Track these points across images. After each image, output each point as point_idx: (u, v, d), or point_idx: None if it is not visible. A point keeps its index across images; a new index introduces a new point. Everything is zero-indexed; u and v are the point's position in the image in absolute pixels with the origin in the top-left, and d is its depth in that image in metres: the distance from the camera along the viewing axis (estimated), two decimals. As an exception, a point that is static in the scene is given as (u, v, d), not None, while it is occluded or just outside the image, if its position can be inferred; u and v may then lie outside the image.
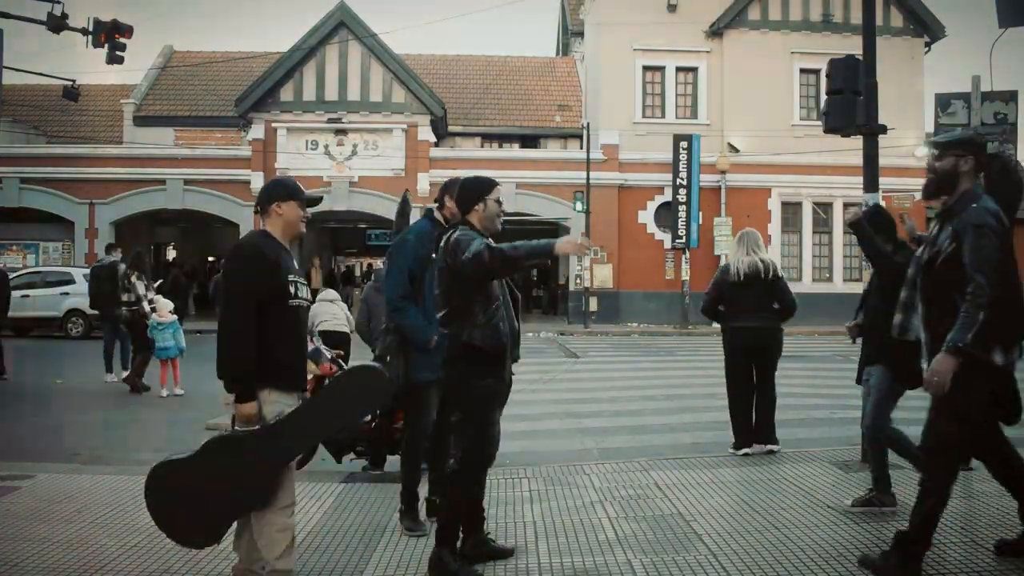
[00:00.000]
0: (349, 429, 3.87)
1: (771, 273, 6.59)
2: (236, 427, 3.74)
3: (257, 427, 3.67)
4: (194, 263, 29.38)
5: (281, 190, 3.91)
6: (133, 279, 11.20)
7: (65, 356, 15.20)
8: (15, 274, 20.55)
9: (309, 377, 6.77)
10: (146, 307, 11.06)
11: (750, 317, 6.58)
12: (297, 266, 3.94)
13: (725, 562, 4.29)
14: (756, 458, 6.63)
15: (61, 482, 5.97)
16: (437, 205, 5.06)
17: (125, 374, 11.67)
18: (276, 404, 3.71)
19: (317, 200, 4.14)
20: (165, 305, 10.94)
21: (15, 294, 19.12)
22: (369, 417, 6.69)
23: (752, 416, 6.75)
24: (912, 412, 9.46)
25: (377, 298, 6.82)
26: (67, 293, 19.08)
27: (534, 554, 4.49)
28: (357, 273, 36.96)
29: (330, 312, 9.45)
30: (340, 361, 7.44)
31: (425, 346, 4.74)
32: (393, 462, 6.61)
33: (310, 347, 7.09)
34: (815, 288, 23.18)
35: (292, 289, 3.78)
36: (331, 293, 10.08)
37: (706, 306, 6.94)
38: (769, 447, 6.73)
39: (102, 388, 11.41)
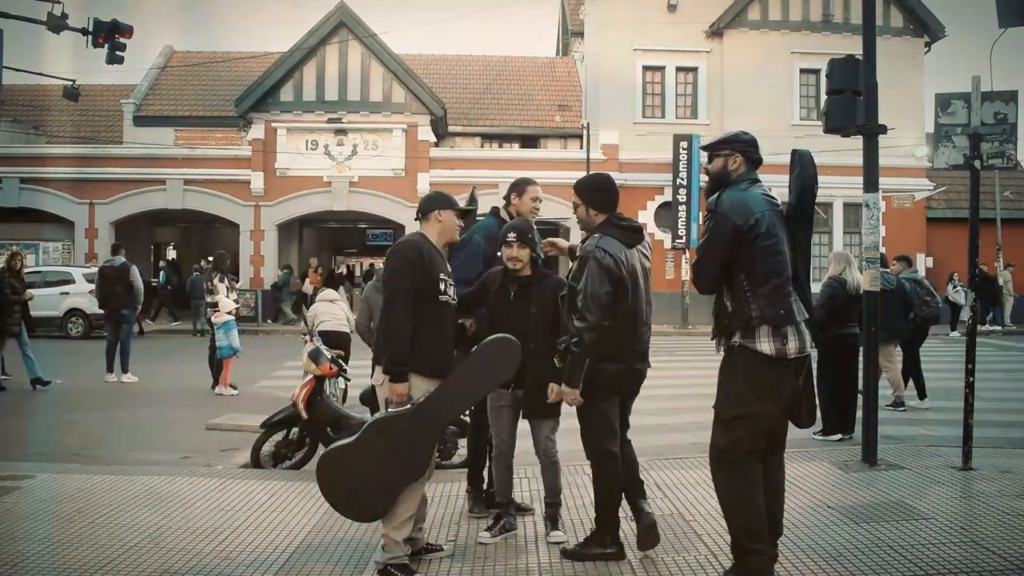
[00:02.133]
0: (483, 396, 4.50)
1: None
2: (388, 409, 4.15)
3: (408, 407, 4.10)
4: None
5: (443, 200, 4.45)
6: (215, 281, 11.28)
7: (65, 356, 15.19)
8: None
9: (308, 377, 6.84)
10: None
11: (854, 326, 7.63)
12: (448, 268, 4.43)
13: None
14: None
15: (61, 482, 5.97)
16: (504, 204, 5.35)
17: (112, 376, 11.75)
18: (419, 388, 4.15)
19: (469, 210, 4.75)
20: (225, 305, 11.03)
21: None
22: (369, 417, 6.72)
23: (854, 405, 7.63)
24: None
25: (378, 298, 6.83)
26: (67, 293, 19.05)
27: (534, 554, 4.49)
28: (357, 273, 36.86)
29: (330, 312, 9.46)
30: (340, 361, 7.46)
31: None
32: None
33: (310, 347, 7.12)
34: (815, 288, 23.07)
35: (442, 286, 4.25)
36: (331, 293, 10.08)
37: (824, 316, 7.59)
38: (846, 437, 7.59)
39: (102, 388, 11.41)
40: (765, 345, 3.76)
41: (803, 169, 3.97)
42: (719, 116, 24.35)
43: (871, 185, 6.57)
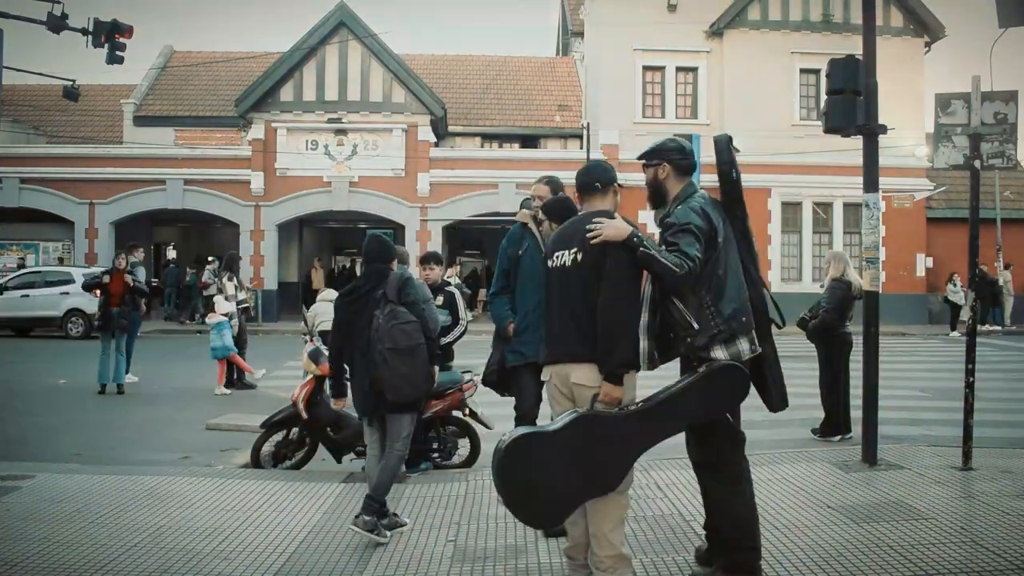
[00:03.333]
0: (701, 421, 3.89)
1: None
2: (596, 408, 3.65)
3: (621, 410, 3.65)
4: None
5: (615, 173, 4.13)
6: (224, 280, 11.34)
7: (65, 356, 15.20)
8: (15, 274, 20.61)
9: (308, 377, 6.84)
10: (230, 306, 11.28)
11: (848, 325, 7.81)
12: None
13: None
14: (756, 458, 6.63)
15: (61, 482, 5.97)
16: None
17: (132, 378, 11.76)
18: (631, 388, 3.79)
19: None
20: (222, 307, 11.12)
21: (15, 294, 19.23)
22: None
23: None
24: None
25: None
26: (67, 293, 19.06)
27: (534, 554, 4.49)
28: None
29: (330, 312, 9.45)
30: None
31: (502, 332, 5.28)
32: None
33: (310, 347, 7.13)
34: (814, 288, 23.14)
35: None
36: (331, 293, 10.07)
37: (838, 319, 7.78)
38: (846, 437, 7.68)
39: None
40: (720, 352, 3.80)
41: (718, 156, 4.00)
42: (719, 116, 24.36)
43: (871, 185, 6.57)
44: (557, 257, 3.90)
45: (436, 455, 6.69)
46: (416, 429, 6.44)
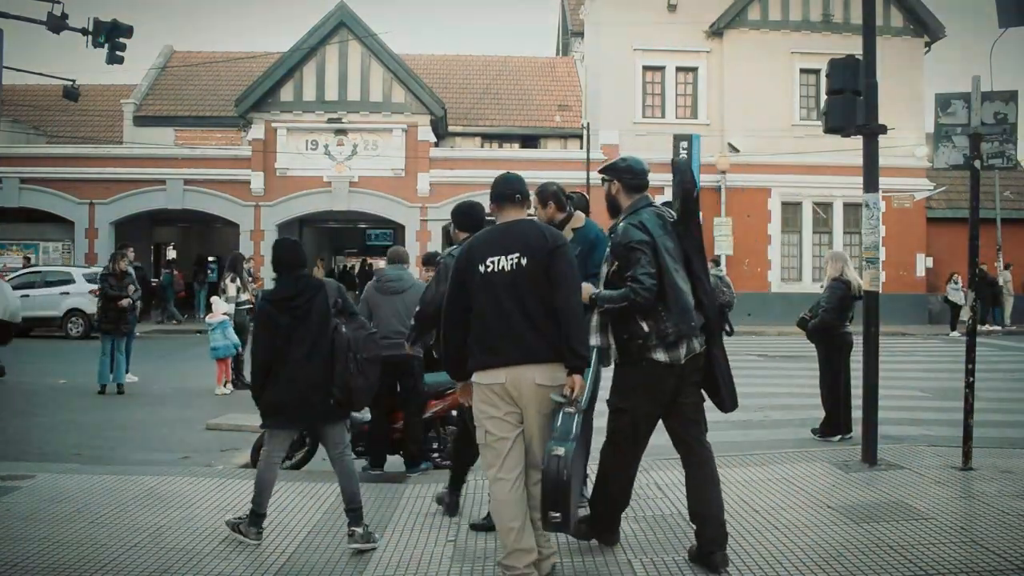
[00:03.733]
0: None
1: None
2: (577, 406, 3.78)
3: (581, 404, 3.84)
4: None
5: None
6: (227, 281, 11.43)
7: (65, 356, 15.21)
8: (15, 274, 20.61)
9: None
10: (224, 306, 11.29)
11: (848, 325, 7.78)
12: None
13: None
14: (756, 457, 6.64)
15: (61, 482, 5.97)
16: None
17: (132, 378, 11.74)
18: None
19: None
20: (220, 307, 11.16)
21: (15, 294, 19.22)
22: (368, 417, 6.72)
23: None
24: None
25: (377, 298, 6.83)
26: (67, 293, 19.07)
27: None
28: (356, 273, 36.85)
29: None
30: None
31: None
32: (392, 462, 6.63)
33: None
34: (814, 288, 23.14)
35: None
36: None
37: (838, 319, 7.72)
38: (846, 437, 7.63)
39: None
40: (661, 354, 4.09)
41: (682, 176, 4.45)
42: (719, 116, 24.36)
43: (871, 185, 6.57)
44: (492, 263, 3.90)
45: (436, 455, 6.69)
46: (416, 429, 6.47)
